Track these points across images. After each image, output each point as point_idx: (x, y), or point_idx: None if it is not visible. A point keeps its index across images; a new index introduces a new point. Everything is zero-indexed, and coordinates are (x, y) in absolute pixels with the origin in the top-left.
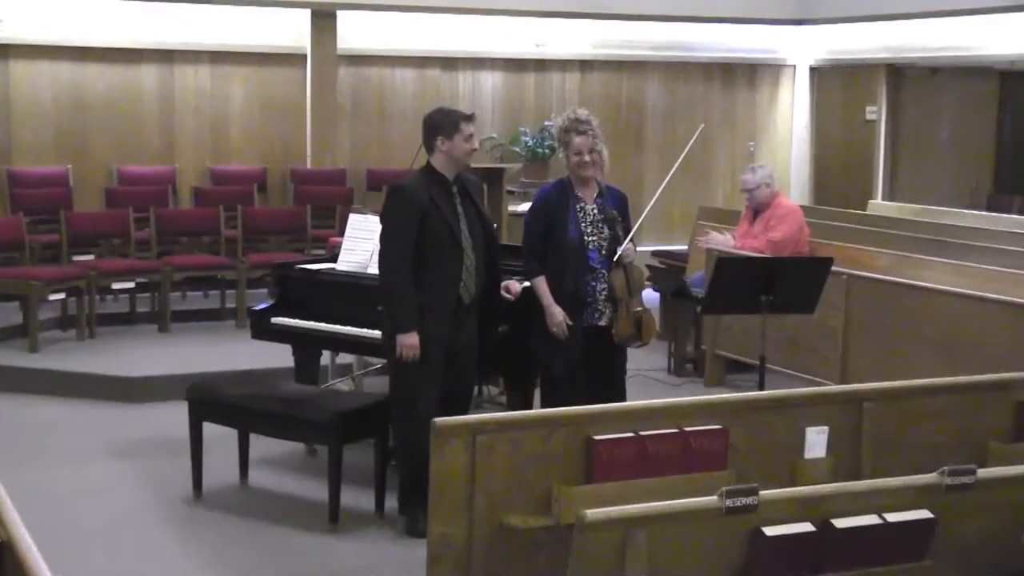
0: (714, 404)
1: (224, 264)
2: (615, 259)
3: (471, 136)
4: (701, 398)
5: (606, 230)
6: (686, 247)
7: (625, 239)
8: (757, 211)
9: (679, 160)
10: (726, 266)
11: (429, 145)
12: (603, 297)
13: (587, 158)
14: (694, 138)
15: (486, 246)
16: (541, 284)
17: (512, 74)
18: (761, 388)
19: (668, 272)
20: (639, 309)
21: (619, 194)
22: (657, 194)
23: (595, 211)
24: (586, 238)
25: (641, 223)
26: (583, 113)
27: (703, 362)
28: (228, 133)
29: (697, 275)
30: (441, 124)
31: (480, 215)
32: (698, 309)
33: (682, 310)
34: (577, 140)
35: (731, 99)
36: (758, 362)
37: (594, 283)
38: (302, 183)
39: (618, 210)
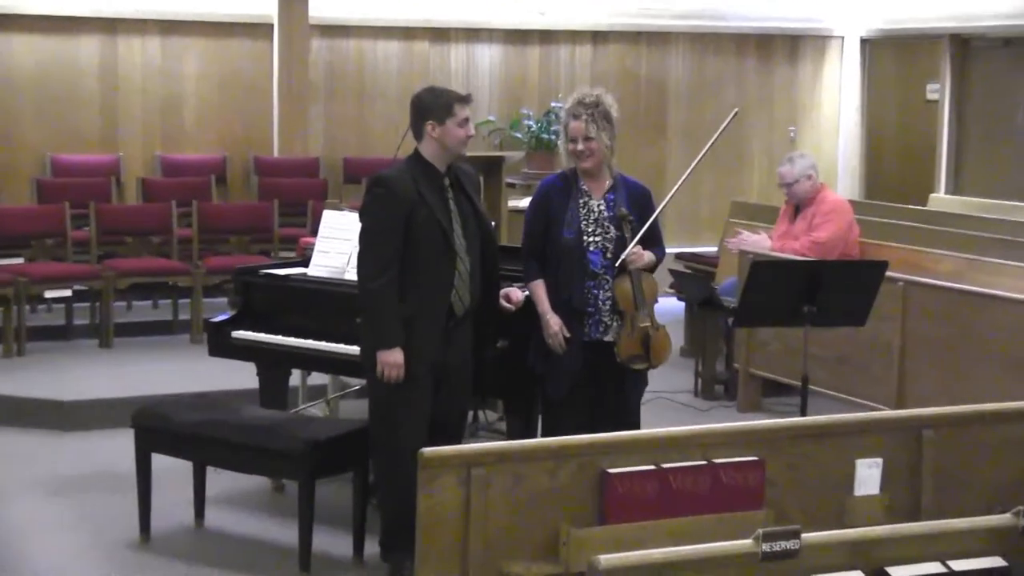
0: (748, 432)
1: (177, 269)
2: (618, 264)
3: (466, 121)
4: (733, 425)
5: (612, 230)
6: (715, 249)
7: (632, 240)
8: (798, 208)
9: (706, 148)
10: (762, 271)
11: (417, 131)
12: (608, 308)
13: (580, 147)
14: (726, 123)
15: (483, 248)
16: (538, 289)
17: (513, 47)
18: (803, 414)
19: (694, 278)
20: (646, 325)
21: (640, 190)
22: (677, 186)
23: (602, 207)
24: (586, 238)
25: (655, 222)
26: (589, 93)
27: (735, 383)
28: (181, 116)
29: (728, 281)
30: (431, 106)
31: (476, 212)
32: (729, 321)
33: (711, 322)
34: (572, 125)
35: (768, 77)
36: (799, 383)
37: (597, 291)
38: (268, 174)
39: (638, 208)
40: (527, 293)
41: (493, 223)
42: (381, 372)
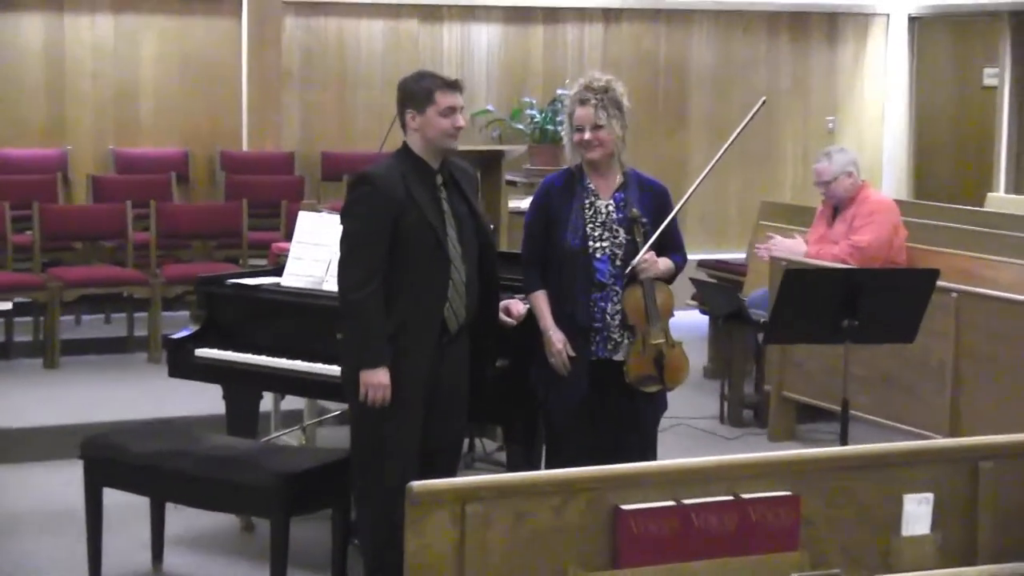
0: (781, 463)
1: (132, 278)
2: (627, 272)
3: (451, 110)
4: (764, 455)
5: (622, 234)
6: (743, 256)
7: (644, 245)
8: (837, 208)
9: (730, 140)
10: (796, 280)
11: (402, 121)
12: (618, 323)
13: (587, 136)
14: (752, 113)
15: (480, 255)
16: (540, 301)
17: (514, 27)
18: (843, 442)
19: (719, 289)
20: (660, 341)
21: (655, 188)
22: (697, 183)
23: (611, 208)
24: (593, 244)
25: (673, 224)
26: (597, 78)
27: (766, 408)
28: (137, 105)
29: (758, 292)
30: (411, 93)
31: (474, 214)
32: (759, 337)
33: (738, 338)
34: (578, 112)
35: (804, 60)
36: (839, 408)
37: (604, 303)
38: (236, 171)
39: (653, 209)
40: (527, 304)
41: (492, 226)
42: (364, 395)
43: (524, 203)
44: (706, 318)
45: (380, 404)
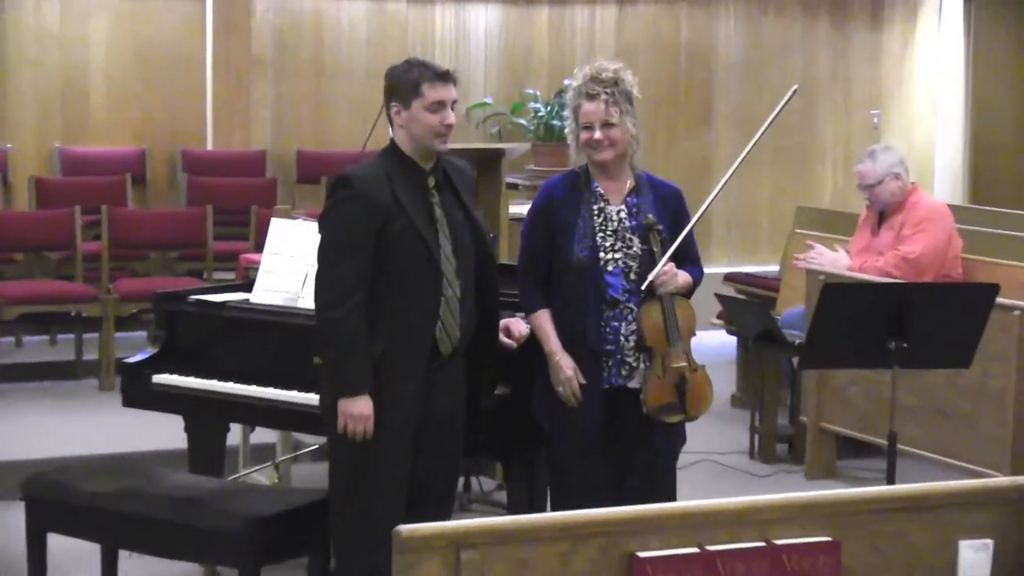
0: (820, 505)
1: (81, 294)
2: (644, 287)
3: (441, 105)
4: (800, 496)
5: (636, 243)
6: (776, 268)
7: (662, 256)
8: (883, 215)
9: (757, 135)
10: (837, 296)
11: (388, 115)
12: (632, 345)
13: (598, 134)
14: (783, 103)
15: (478, 269)
16: (543, 321)
17: (516, 9)
18: (890, 481)
19: (749, 306)
20: (681, 365)
21: (670, 191)
22: (721, 185)
23: (623, 215)
24: (603, 255)
25: (692, 231)
26: (605, 68)
27: (802, 441)
28: (87, 98)
29: (793, 311)
30: (396, 83)
31: (471, 222)
32: (794, 361)
33: (770, 363)
34: (586, 107)
35: (845, 46)
36: (885, 442)
37: (618, 323)
38: (199, 172)
39: (668, 215)
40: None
41: (492, 235)
42: (344, 426)
43: (526, 208)
44: (734, 339)
45: (362, 437)
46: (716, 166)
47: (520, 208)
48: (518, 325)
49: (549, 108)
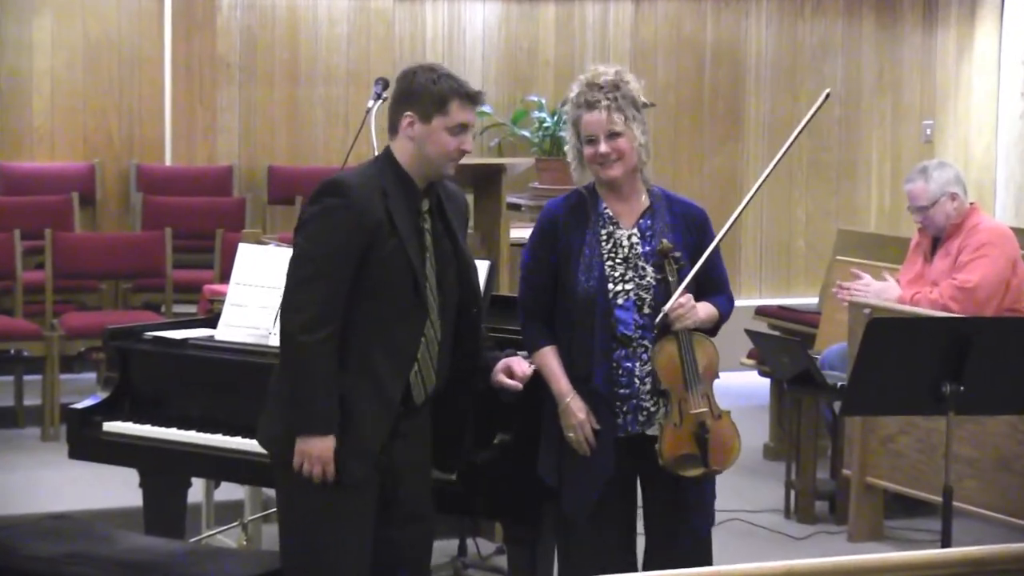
0: (865, 570)
1: (21, 331)
2: (656, 322)
3: (463, 129)
4: (843, 560)
5: (650, 272)
6: (815, 301)
7: (678, 286)
8: (937, 239)
9: (786, 146)
10: (884, 333)
11: (394, 121)
12: (649, 387)
13: (603, 148)
14: (813, 110)
15: (461, 308)
16: (549, 359)
17: (518, 4)
18: (945, 544)
19: (784, 344)
20: (701, 410)
21: (691, 212)
22: (748, 198)
23: (635, 240)
24: (613, 286)
25: (716, 257)
26: (602, 72)
27: (845, 498)
28: (28, 106)
29: (834, 349)
30: (418, 92)
31: (458, 255)
32: (836, 407)
33: (809, 408)
34: (587, 118)
35: (893, 48)
36: (939, 499)
37: (631, 363)
38: (157, 191)
39: (689, 239)
40: (534, 363)
41: (489, 263)
42: (300, 466)
43: (528, 231)
44: (767, 382)
45: (320, 479)
46: (746, 183)
47: (522, 232)
48: (520, 364)
49: (555, 118)
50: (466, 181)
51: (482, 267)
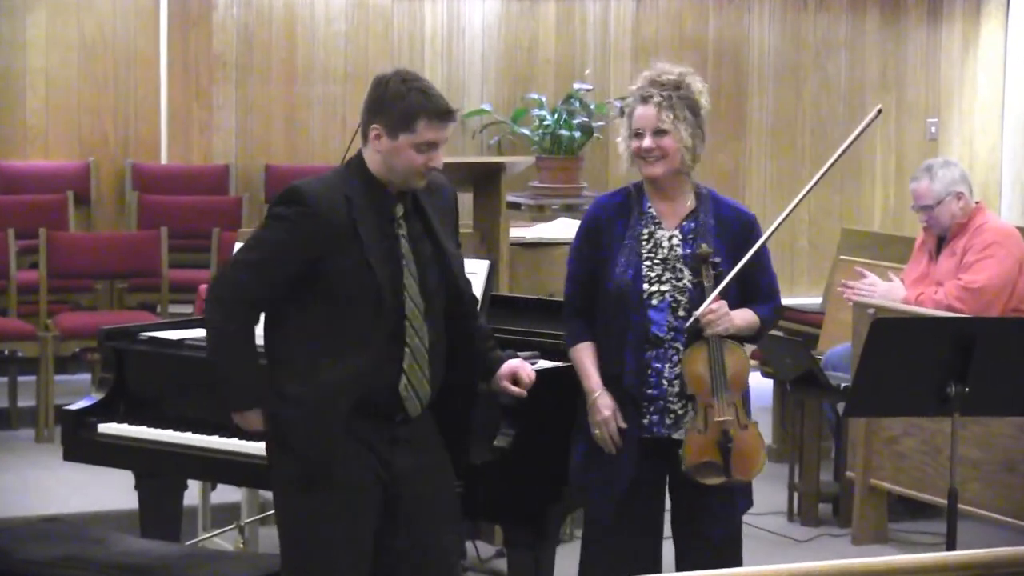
0: (870, 573)
1: (15, 331)
2: (687, 327)
3: (431, 147)
4: (847, 563)
5: (687, 275)
6: (818, 301)
7: (712, 291)
8: (943, 239)
9: (835, 157)
10: (888, 333)
11: (364, 130)
12: (677, 390)
13: (647, 142)
14: (865, 124)
15: (449, 310)
16: (583, 356)
17: (518, 1)
18: (950, 547)
19: (787, 344)
20: (727, 419)
21: (741, 218)
22: (789, 211)
23: (675, 242)
24: (648, 287)
25: (762, 261)
26: (668, 71)
27: (848, 501)
28: (23, 105)
29: (838, 349)
30: (385, 104)
31: (439, 253)
32: (840, 408)
33: (812, 409)
34: (638, 111)
35: (897, 45)
36: (944, 501)
37: (660, 364)
38: (153, 190)
39: (734, 244)
40: (536, 364)
41: (489, 263)
42: (240, 424)
43: (529, 233)
44: (770, 383)
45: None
46: (749, 184)
47: (522, 231)
48: (523, 369)
49: (556, 116)
50: (466, 180)
51: (482, 267)
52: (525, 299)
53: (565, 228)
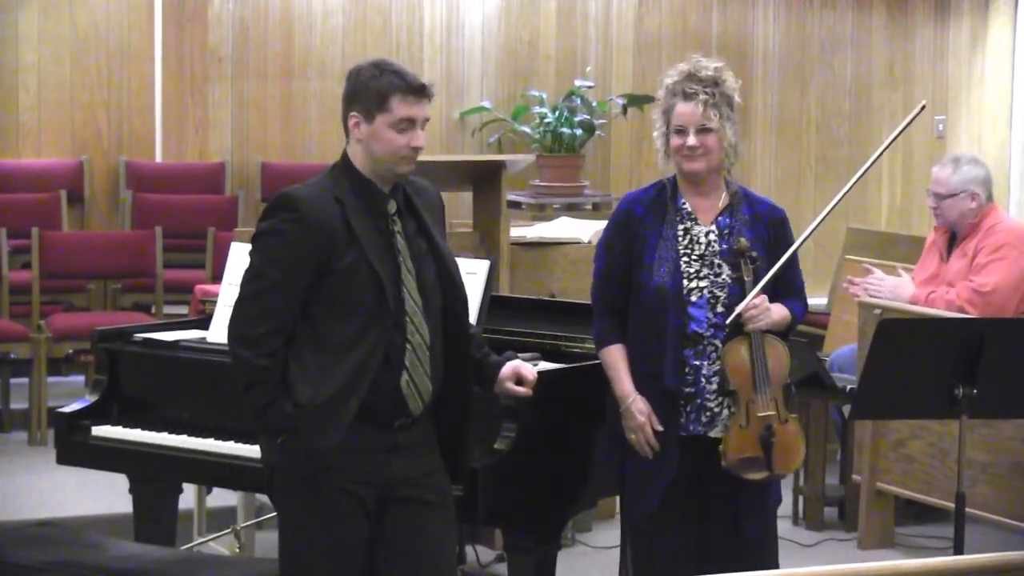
0: None
1: (7, 332)
2: (728, 322)
3: (410, 123)
4: (852, 568)
5: (725, 270)
6: (823, 301)
7: (754, 287)
8: (954, 236)
9: (876, 154)
10: (895, 333)
11: (344, 123)
12: (715, 387)
13: (692, 140)
14: (908, 119)
15: (445, 307)
16: (615, 358)
17: None
18: (958, 551)
19: (793, 345)
20: (769, 414)
21: (774, 214)
22: (831, 207)
23: (712, 237)
24: (687, 283)
25: (794, 260)
26: (705, 66)
27: (854, 504)
28: (15, 102)
29: (843, 350)
30: (360, 91)
31: (435, 252)
32: (846, 410)
33: (817, 412)
34: (680, 108)
35: (904, 41)
36: (951, 505)
37: (699, 361)
38: (147, 189)
39: (768, 239)
40: (537, 365)
41: (489, 262)
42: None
43: (530, 232)
44: None
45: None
46: (753, 178)
47: (522, 231)
48: (526, 370)
49: (557, 113)
50: (465, 178)
51: (482, 267)
52: (525, 299)
53: (566, 228)
